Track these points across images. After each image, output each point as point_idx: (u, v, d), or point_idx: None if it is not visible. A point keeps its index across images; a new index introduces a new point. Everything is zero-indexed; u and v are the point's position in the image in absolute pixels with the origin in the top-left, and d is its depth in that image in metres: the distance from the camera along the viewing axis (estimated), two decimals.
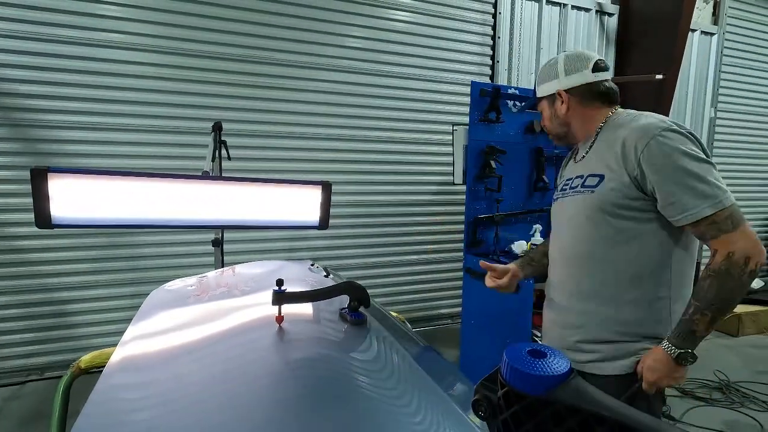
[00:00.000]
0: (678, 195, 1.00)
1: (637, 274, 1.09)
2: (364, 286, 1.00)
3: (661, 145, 1.01)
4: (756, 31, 4.93)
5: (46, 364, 2.86)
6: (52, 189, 1.26)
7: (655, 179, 1.02)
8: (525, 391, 0.31)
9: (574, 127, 1.22)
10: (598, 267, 1.13)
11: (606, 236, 1.10)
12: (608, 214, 1.09)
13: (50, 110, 2.72)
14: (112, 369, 0.76)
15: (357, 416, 0.62)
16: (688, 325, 1.01)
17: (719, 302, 0.99)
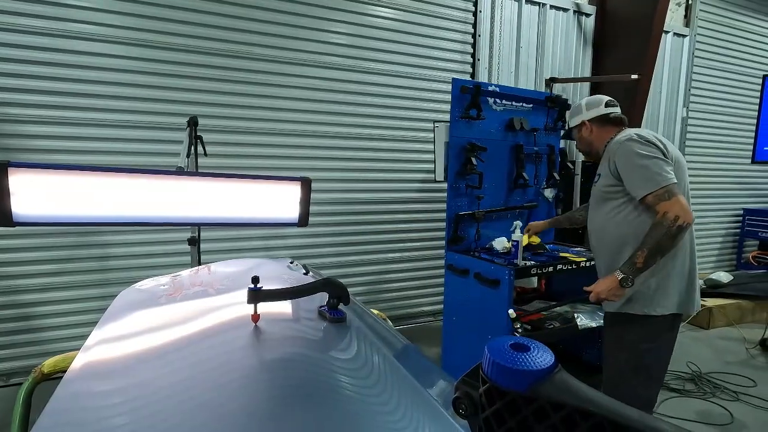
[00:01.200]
0: (632, 180, 1.61)
1: (623, 235, 1.69)
2: (343, 283, 0.97)
3: (624, 150, 1.64)
4: (725, 33, 5.10)
5: (11, 369, 2.73)
6: (12, 184, 1.19)
7: (621, 172, 1.64)
8: (507, 386, 0.30)
9: (595, 145, 1.86)
10: (605, 236, 1.77)
11: (607, 213, 1.74)
12: (606, 196, 1.74)
13: (13, 103, 2.59)
14: (73, 375, 0.72)
15: (335, 417, 0.60)
16: (632, 258, 1.57)
17: (653, 244, 1.53)
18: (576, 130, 1.89)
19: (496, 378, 0.31)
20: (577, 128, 1.88)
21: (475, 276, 2.45)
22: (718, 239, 5.48)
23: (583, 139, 1.87)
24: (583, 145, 1.89)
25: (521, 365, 0.30)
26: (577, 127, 1.88)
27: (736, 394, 2.73)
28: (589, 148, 1.87)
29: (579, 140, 1.89)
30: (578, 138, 1.89)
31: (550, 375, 0.30)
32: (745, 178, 5.51)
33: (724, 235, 5.51)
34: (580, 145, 1.91)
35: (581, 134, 1.86)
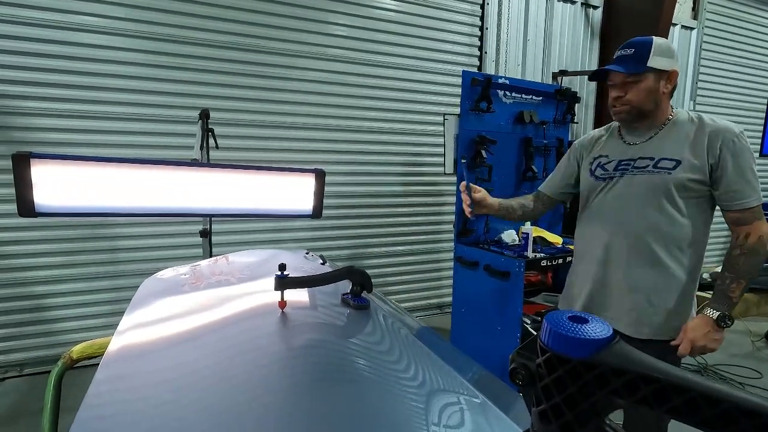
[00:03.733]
0: (740, 185, 1.22)
1: (684, 245, 1.30)
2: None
3: (740, 144, 1.23)
4: (733, 26, 5.07)
5: (26, 360, 2.77)
6: (35, 176, 1.21)
7: (731, 167, 1.22)
8: (569, 355, 0.31)
9: (659, 110, 1.32)
10: (655, 235, 1.30)
11: (669, 211, 1.28)
12: (678, 194, 1.27)
13: (28, 96, 2.60)
14: (111, 359, 0.74)
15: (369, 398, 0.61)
16: (725, 292, 1.23)
17: (751, 273, 1.23)
18: (652, 75, 1.27)
19: (558, 347, 0.32)
20: (655, 74, 1.27)
21: (485, 268, 2.47)
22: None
23: (653, 94, 1.28)
24: (648, 101, 1.28)
25: (582, 334, 0.32)
26: (656, 72, 1.27)
27: (742, 385, 2.75)
28: (650, 108, 1.29)
29: (644, 92, 1.28)
30: (645, 89, 1.27)
31: (611, 344, 0.32)
32: None
33: None
34: (640, 97, 1.28)
35: (655, 86, 1.27)
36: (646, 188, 1.30)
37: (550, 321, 0.33)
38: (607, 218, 1.38)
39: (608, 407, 0.32)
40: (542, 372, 0.34)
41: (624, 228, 1.34)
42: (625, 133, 1.40)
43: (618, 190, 1.36)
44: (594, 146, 1.48)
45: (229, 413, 0.57)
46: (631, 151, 1.36)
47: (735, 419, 0.25)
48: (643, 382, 0.29)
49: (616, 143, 1.41)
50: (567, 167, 1.55)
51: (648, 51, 1.28)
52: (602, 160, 1.42)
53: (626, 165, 1.35)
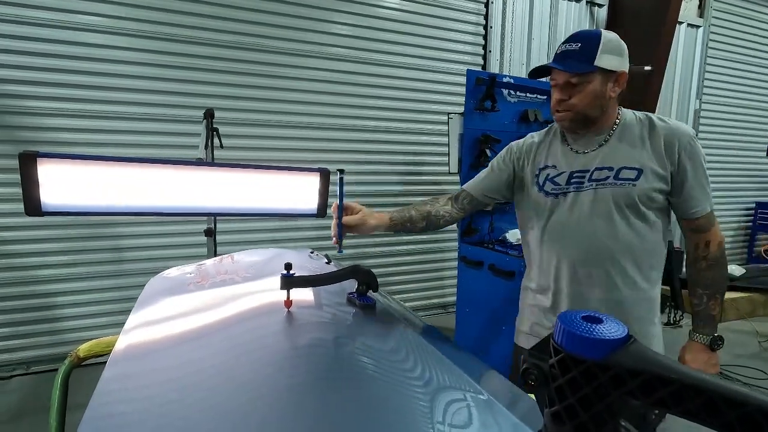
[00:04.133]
0: (698, 191, 1.12)
1: (653, 260, 1.18)
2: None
3: (695, 147, 1.12)
4: (740, 24, 5.03)
5: (32, 358, 2.78)
6: (41, 175, 1.21)
7: (690, 173, 1.11)
8: (583, 355, 0.31)
9: (606, 114, 1.16)
10: (631, 256, 1.16)
11: (638, 226, 1.14)
12: (644, 206, 1.13)
13: (34, 96, 2.62)
14: (118, 357, 0.74)
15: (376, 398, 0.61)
16: (707, 312, 1.15)
17: (724, 285, 1.16)
18: (599, 76, 1.11)
19: (571, 348, 0.32)
20: (603, 75, 1.11)
21: (490, 268, 2.46)
22: (730, 232, 5.44)
23: (599, 99, 1.12)
24: (593, 106, 1.13)
25: (597, 335, 0.31)
26: (604, 73, 1.11)
27: (746, 386, 2.73)
28: (596, 114, 1.14)
29: (590, 96, 1.12)
30: (591, 92, 1.11)
31: (626, 345, 0.31)
32: (758, 171, 5.46)
33: (736, 229, 5.48)
34: (585, 101, 1.12)
35: (602, 89, 1.11)
36: (613, 203, 1.13)
37: (564, 321, 0.33)
38: (572, 242, 1.18)
39: (624, 408, 0.31)
40: (555, 372, 0.33)
41: (595, 254, 1.15)
42: (571, 140, 1.22)
43: (579, 209, 1.16)
44: (536, 153, 1.27)
45: (236, 412, 0.56)
46: (582, 161, 1.18)
47: (758, 423, 0.25)
48: (660, 383, 0.29)
49: (563, 151, 1.22)
50: (500, 171, 1.32)
51: (596, 47, 1.09)
52: (550, 172, 1.22)
53: (580, 177, 1.17)
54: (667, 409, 0.29)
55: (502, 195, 1.34)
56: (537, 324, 1.30)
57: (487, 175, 1.35)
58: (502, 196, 1.35)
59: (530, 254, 1.32)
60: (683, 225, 1.18)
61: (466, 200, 1.35)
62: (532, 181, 1.25)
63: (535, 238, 1.27)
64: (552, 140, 1.27)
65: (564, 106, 1.15)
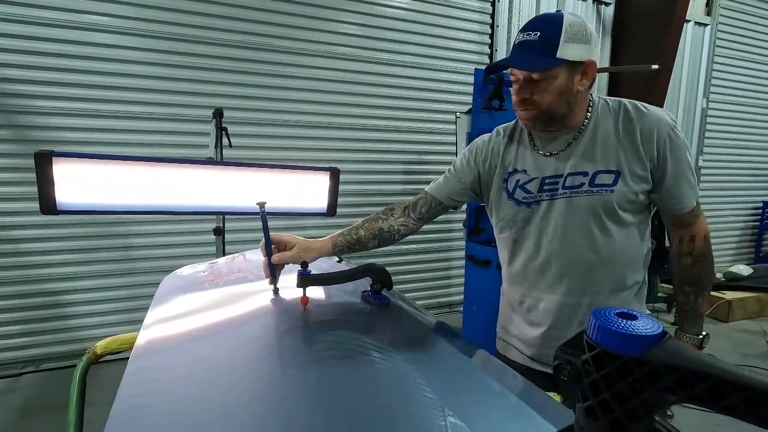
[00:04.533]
0: (682, 186, 1.02)
1: (635, 264, 1.09)
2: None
3: (677, 138, 1.00)
4: (748, 22, 5.00)
5: (42, 355, 2.81)
6: (56, 174, 1.23)
7: (671, 168, 1.00)
8: (619, 351, 0.31)
9: (574, 110, 1.02)
10: (611, 268, 1.06)
11: (619, 234, 1.04)
12: (624, 210, 1.03)
13: (43, 96, 2.64)
14: (140, 352, 0.75)
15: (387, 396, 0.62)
16: (696, 310, 1.08)
17: (711, 281, 1.09)
18: (564, 69, 0.97)
19: (607, 343, 0.32)
20: (568, 67, 0.97)
21: (497, 267, 2.46)
22: (737, 232, 5.41)
23: (565, 95, 0.99)
24: (559, 103, 0.99)
25: (633, 330, 0.32)
26: (569, 65, 0.97)
27: None
28: (564, 111, 1.01)
29: (554, 93, 0.98)
30: (556, 89, 0.98)
31: (662, 341, 0.32)
32: (765, 170, 5.43)
33: (743, 228, 5.44)
34: (550, 97, 0.98)
35: (567, 83, 0.98)
36: (590, 213, 1.03)
37: (598, 317, 0.33)
38: (549, 256, 1.08)
39: (659, 404, 0.32)
40: (589, 368, 0.34)
41: (574, 268, 1.06)
42: (538, 140, 1.10)
43: (555, 220, 1.06)
44: (503, 155, 1.14)
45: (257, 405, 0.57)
46: (552, 165, 1.07)
47: None
48: (697, 379, 0.29)
49: (531, 154, 1.10)
50: (464, 174, 1.20)
51: (557, 36, 0.94)
52: (520, 178, 1.10)
53: (553, 184, 1.06)
54: (705, 405, 0.29)
55: (470, 197, 1.22)
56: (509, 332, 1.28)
57: (452, 177, 1.22)
58: (470, 198, 1.23)
59: (504, 266, 1.24)
60: (666, 220, 1.09)
61: (424, 208, 1.23)
62: (501, 186, 1.13)
63: (508, 247, 1.17)
64: (520, 139, 1.13)
65: (526, 104, 1.01)
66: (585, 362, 0.34)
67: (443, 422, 0.55)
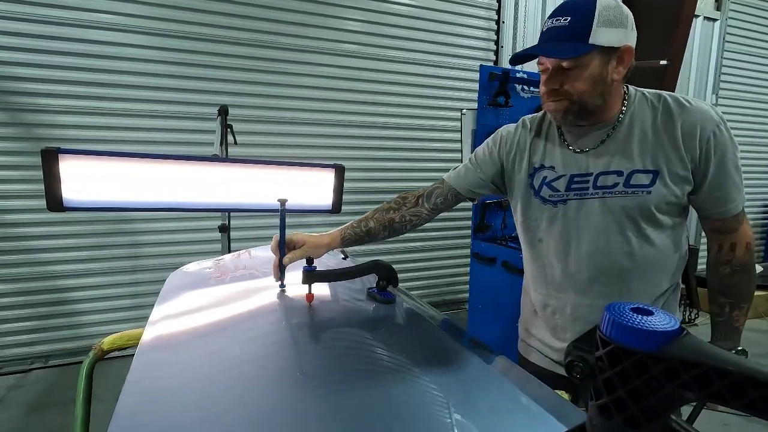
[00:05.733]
0: (725, 188, 0.94)
1: (671, 269, 1.02)
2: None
3: (722, 136, 0.92)
4: (758, 17, 4.92)
5: (50, 351, 2.83)
6: (63, 171, 1.23)
7: (714, 169, 0.92)
8: (635, 347, 0.30)
9: (609, 102, 0.94)
10: (645, 274, 0.99)
11: (657, 239, 0.97)
12: (661, 213, 0.95)
13: (48, 94, 2.65)
14: (146, 348, 0.75)
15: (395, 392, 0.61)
16: (731, 324, 1.00)
17: (750, 294, 1.00)
18: (598, 56, 0.89)
19: (622, 339, 0.31)
20: (603, 54, 0.89)
21: (503, 264, 2.45)
22: None
23: (600, 84, 0.91)
24: (593, 94, 0.91)
25: (649, 326, 0.31)
26: (604, 51, 0.89)
27: None
28: (597, 102, 0.93)
29: (588, 83, 0.90)
30: (589, 78, 0.90)
31: (679, 337, 0.31)
32: None
33: (753, 226, 5.37)
34: (584, 86, 0.90)
35: (601, 71, 0.90)
36: (625, 217, 0.95)
37: (613, 312, 0.32)
38: (578, 260, 1.01)
39: (676, 401, 0.31)
40: (603, 365, 0.33)
41: (607, 275, 0.99)
42: (568, 135, 1.02)
43: (585, 222, 0.98)
44: (530, 148, 1.07)
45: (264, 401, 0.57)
46: (582, 163, 0.99)
47: None
48: (717, 376, 0.28)
49: (561, 150, 1.02)
50: (487, 165, 1.12)
51: (589, 20, 0.86)
52: (547, 174, 1.02)
53: (583, 183, 0.98)
54: (725, 402, 0.28)
55: (491, 190, 1.15)
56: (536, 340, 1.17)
57: (473, 168, 1.14)
58: (490, 191, 1.16)
59: (527, 265, 1.16)
60: (705, 224, 1.01)
61: (440, 198, 1.15)
62: (527, 182, 1.06)
63: (532, 246, 1.10)
64: (548, 133, 1.06)
65: (556, 95, 0.93)
66: (599, 359, 0.33)
67: (448, 419, 0.54)
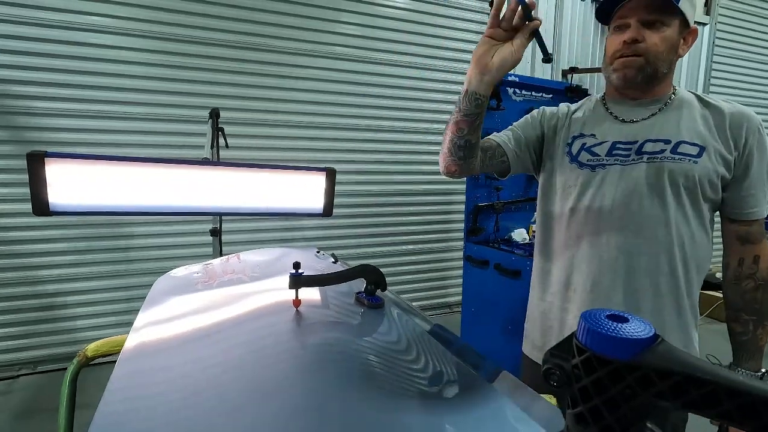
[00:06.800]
0: (758, 188, 0.95)
1: (702, 263, 1.00)
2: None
3: (763, 136, 0.95)
4: (747, 21, 4.99)
5: (39, 357, 2.80)
6: (49, 174, 1.21)
7: (755, 165, 0.93)
8: (610, 355, 0.30)
9: (667, 78, 0.97)
10: (681, 253, 0.96)
11: (692, 219, 0.95)
12: (703, 193, 0.94)
13: (38, 97, 2.63)
14: (128, 355, 0.73)
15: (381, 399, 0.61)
16: (755, 343, 0.97)
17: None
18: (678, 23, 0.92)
19: (597, 348, 0.31)
20: (681, 23, 0.93)
21: (495, 267, 2.45)
22: None
23: (672, 52, 0.94)
24: (666, 58, 0.93)
25: (624, 334, 0.30)
26: (682, 21, 0.93)
27: None
28: (664, 70, 0.95)
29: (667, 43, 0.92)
30: (669, 39, 0.92)
31: (654, 345, 0.30)
32: None
33: None
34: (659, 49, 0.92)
35: (677, 39, 0.93)
36: (668, 182, 0.92)
37: (588, 320, 0.32)
38: (613, 227, 0.96)
39: (651, 410, 0.31)
40: (579, 373, 0.33)
41: (642, 244, 0.95)
42: (615, 106, 1.02)
43: (625, 186, 0.95)
44: (569, 120, 1.06)
45: (247, 409, 0.56)
46: (628, 131, 0.98)
47: None
48: (692, 385, 0.28)
49: (605, 119, 1.01)
50: (528, 130, 1.09)
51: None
52: (587, 141, 1.01)
53: (625, 149, 0.97)
54: (700, 412, 0.28)
55: (530, 159, 1.10)
56: (548, 333, 1.12)
57: (518, 134, 1.08)
58: (530, 161, 1.10)
59: (549, 244, 1.09)
60: (729, 231, 0.99)
61: (497, 153, 1.06)
62: (564, 150, 1.03)
63: (558, 221, 1.05)
64: (591, 110, 1.06)
65: (634, 49, 0.92)
66: (575, 367, 0.33)
67: (426, 420, 0.54)
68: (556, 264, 1.08)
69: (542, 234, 1.13)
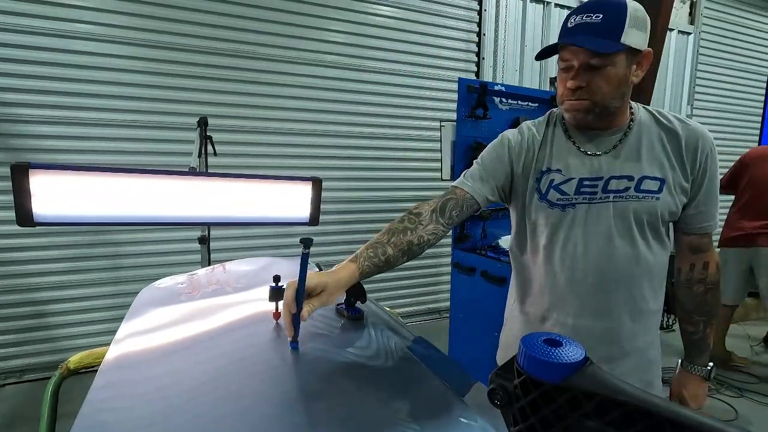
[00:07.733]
0: (709, 204, 1.00)
1: (662, 282, 1.05)
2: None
3: (715, 156, 0.98)
4: (730, 31, 5.10)
5: (25, 366, 2.77)
6: (33, 185, 1.22)
7: (707, 184, 0.98)
8: (543, 378, 0.32)
9: (623, 107, 0.97)
10: (648, 282, 1.01)
11: (655, 247, 1.00)
12: (663, 223, 0.99)
13: (22, 104, 2.62)
14: (108, 366, 0.75)
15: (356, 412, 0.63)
16: (705, 341, 1.06)
17: (719, 311, 1.07)
18: (624, 57, 0.90)
19: (531, 370, 0.33)
20: (628, 54, 0.90)
21: (482, 274, 2.48)
22: None
23: (623, 85, 0.93)
24: (616, 94, 0.93)
25: (555, 358, 0.33)
26: (630, 52, 0.90)
27: (740, 390, 2.76)
28: (617, 105, 0.95)
29: (614, 82, 0.91)
30: (615, 77, 0.90)
31: (583, 368, 0.33)
32: None
33: None
34: (607, 86, 0.91)
35: (625, 72, 0.92)
36: (634, 221, 0.96)
37: (526, 344, 0.35)
38: (584, 266, 0.98)
39: (581, 430, 0.33)
40: (518, 393, 0.35)
41: (613, 282, 0.98)
42: (578, 137, 1.01)
43: (595, 225, 0.97)
44: (538, 152, 1.03)
45: (224, 421, 0.58)
46: (592, 166, 0.98)
47: None
48: (612, 405, 0.31)
49: (571, 153, 1.00)
50: (497, 171, 1.05)
51: (623, 20, 0.87)
52: (555, 177, 1.00)
53: (592, 186, 0.97)
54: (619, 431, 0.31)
55: (500, 197, 1.08)
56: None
57: (484, 174, 1.05)
58: (498, 198, 1.08)
59: (524, 275, 1.11)
60: (682, 241, 1.04)
61: (455, 211, 1.03)
62: (532, 186, 1.02)
63: (532, 258, 1.07)
64: (554, 136, 1.04)
65: (580, 94, 0.92)
66: (515, 387, 0.36)
67: None
68: (531, 301, 1.10)
69: (517, 263, 1.14)
